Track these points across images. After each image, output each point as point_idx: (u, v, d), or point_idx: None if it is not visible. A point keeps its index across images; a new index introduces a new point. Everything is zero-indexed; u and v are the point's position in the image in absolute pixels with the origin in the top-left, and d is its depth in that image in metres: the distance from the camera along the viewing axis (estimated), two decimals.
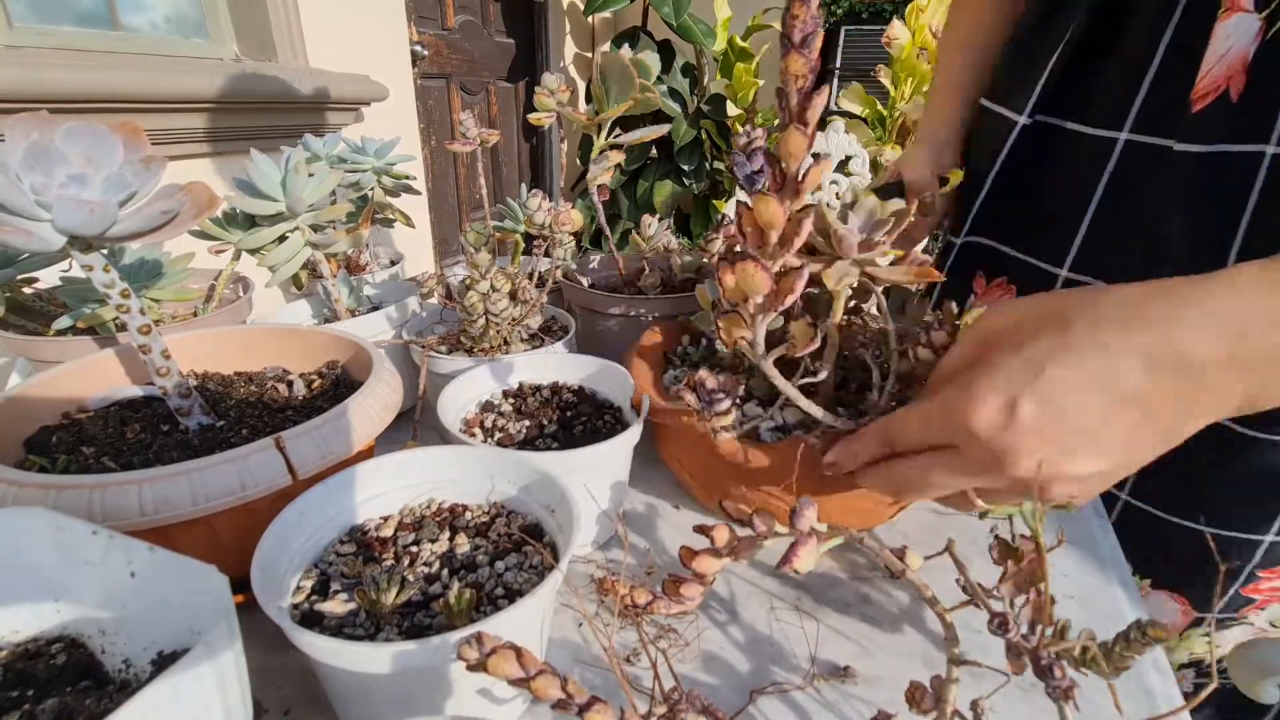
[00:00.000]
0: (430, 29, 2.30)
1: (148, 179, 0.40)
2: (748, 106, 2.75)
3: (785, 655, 0.41)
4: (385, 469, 0.43)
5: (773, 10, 2.61)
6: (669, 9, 2.48)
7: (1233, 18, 0.47)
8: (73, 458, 0.44)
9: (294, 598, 0.36)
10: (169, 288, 0.62)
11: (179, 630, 0.29)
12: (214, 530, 0.39)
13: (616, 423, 0.54)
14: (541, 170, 3.19)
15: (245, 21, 1.58)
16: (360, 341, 0.55)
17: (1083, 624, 0.44)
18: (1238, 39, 0.47)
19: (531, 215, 0.64)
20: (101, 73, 1.18)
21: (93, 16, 1.33)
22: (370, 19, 1.90)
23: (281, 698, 0.37)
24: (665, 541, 0.52)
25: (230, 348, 0.57)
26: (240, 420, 0.49)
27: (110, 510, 0.35)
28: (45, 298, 0.61)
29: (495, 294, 0.60)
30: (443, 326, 0.68)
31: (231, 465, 0.37)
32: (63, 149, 0.37)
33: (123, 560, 0.29)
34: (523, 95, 2.94)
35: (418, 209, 2.24)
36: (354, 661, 0.30)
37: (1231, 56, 0.47)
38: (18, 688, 0.29)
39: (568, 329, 0.67)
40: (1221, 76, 0.47)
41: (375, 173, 0.79)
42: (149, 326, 0.44)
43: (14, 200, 0.36)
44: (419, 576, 0.37)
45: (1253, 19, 0.46)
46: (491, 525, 0.42)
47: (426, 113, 2.32)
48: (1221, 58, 0.47)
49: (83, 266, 0.40)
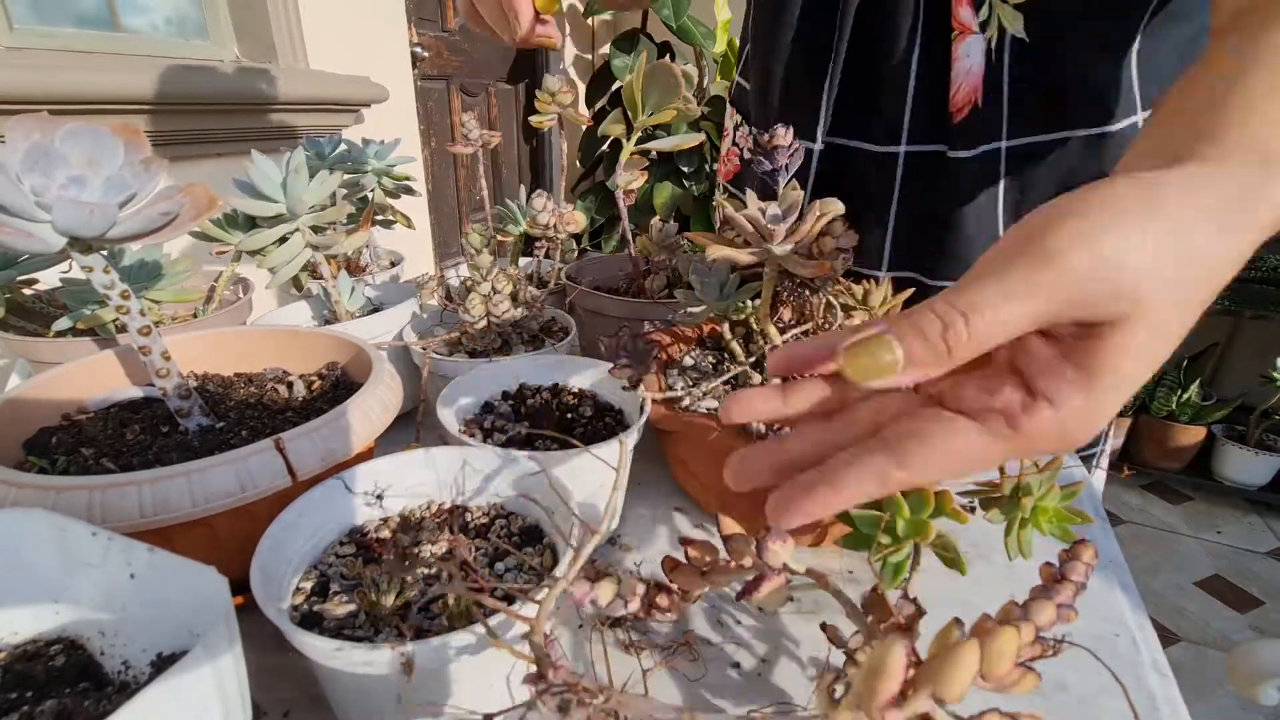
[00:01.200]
0: (430, 31, 2.30)
1: (147, 180, 0.40)
2: None
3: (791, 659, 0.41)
4: (385, 470, 0.43)
5: None
6: (669, 11, 2.48)
7: (968, 38, 0.55)
8: (72, 459, 0.44)
9: (294, 599, 0.36)
10: (169, 289, 0.62)
11: (178, 632, 0.29)
12: (214, 531, 0.39)
13: (617, 424, 0.54)
14: (542, 172, 3.19)
15: (246, 23, 1.58)
16: (360, 343, 0.55)
17: (1082, 627, 0.44)
18: (974, 58, 0.56)
19: (535, 216, 0.64)
20: (102, 74, 1.18)
21: (93, 18, 1.33)
22: (370, 21, 1.90)
23: (281, 699, 0.37)
24: (665, 543, 0.52)
25: (230, 349, 0.57)
26: (240, 421, 0.49)
27: (110, 511, 0.35)
28: (45, 299, 0.61)
29: (497, 296, 0.60)
30: (443, 328, 0.68)
31: (231, 466, 0.37)
32: (63, 150, 0.37)
33: (122, 561, 0.29)
34: (523, 97, 2.95)
35: (418, 210, 2.24)
36: (353, 663, 0.30)
37: (974, 74, 0.56)
38: (17, 689, 0.29)
39: (568, 330, 0.67)
40: (972, 89, 0.57)
41: (375, 174, 0.79)
42: (149, 328, 0.44)
43: (14, 201, 0.36)
44: (419, 578, 0.37)
45: (979, 39, 0.55)
46: (491, 527, 0.42)
47: (426, 114, 2.32)
48: (967, 74, 0.56)
49: (83, 268, 0.40)
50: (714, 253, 0.42)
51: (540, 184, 3.19)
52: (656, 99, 0.62)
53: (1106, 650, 0.42)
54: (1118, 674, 0.40)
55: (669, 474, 0.60)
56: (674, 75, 0.61)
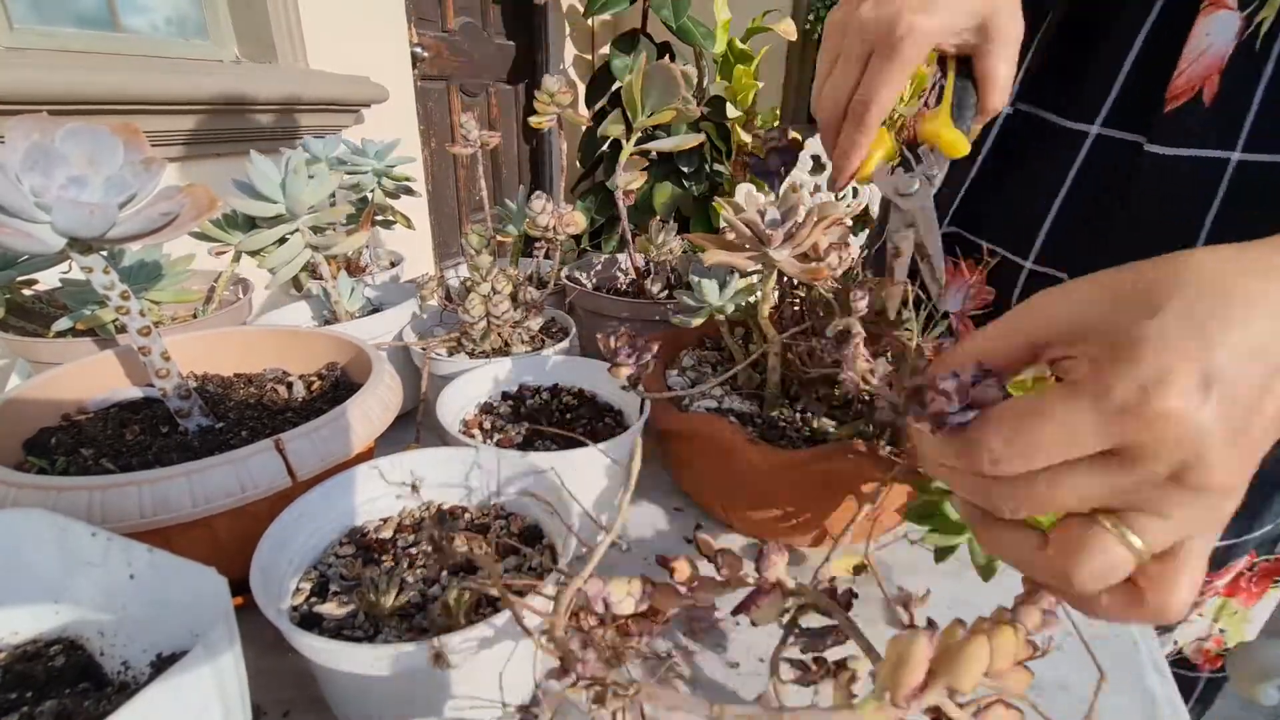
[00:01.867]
0: (430, 31, 2.30)
1: (147, 180, 0.40)
2: (747, 108, 2.75)
3: None
4: (384, 470, 0.43)
5: (772, 13, 2.62)
6: (669, 11, 2.48)
7: (1216, 14, 0.45)
8: (72, 459, 0.44)
9: (293, 600, 0.36)
10: (169, 289, 0.62)
11: (178, 632, 0.29)
12: (213, 532, 0.39)
13: (617, 425, 0.54)
14: (542, 172, 3.19)
15: (246, 23, 1.58)
16: (360, 343, 0.55)
17: (1083, 628, 0.44)
18: (1217, 37, 0.45)
19: (535, 217, 0.64)
20: (102, 74, 1.18)
21: (93, 18, 1.33)
22: (370, 21, 1.90)
23: (280, 700, 0.37)
24: (665, 543, 0.52)
25: (230, 349, 0.57)
26: (240, 422, 0.49)
27: (110, 512, 0.35)
28: (45, 299, 0.61)
29: (497, 296, 0.60)
30: (443, 328, 0.68)
31: (231, 467, 0.37)
32: (63, 150, 0.37)
33: (122, 562, 0.29)
34: (523, 97, 2.95)
35: (417, 211, 2.24)
36: (353, 663, 0.30)
37: (1209, 56, 0.45)
38: (17, 689, 0.29)
39: (568, 331, 0.67)
40: (1198, 77, 0.46)
41: (375, 174, 0.79)
42: (149, 328, 0.44)
43: (14, 202, 0.36)
44: (418, 578, 0.37)
45: (1235, 17, 0.44)
46: (491, 527, 0.42)
47: (426, 115, 2.32)
48: (1200, 56, 0.46)
49: (82, 268, 0.40)
50: (711, 258, 0.42)
51: (540, 184, 3.19)
52: (656, 99, 0.62)
53: (1106, 650, 0.42)
54: (1118, 674, 0.40)
55: (667, 474, 0.60)
56: (673, 76, 0.61)
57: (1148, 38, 0.49)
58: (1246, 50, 0.43)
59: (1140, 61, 0.50)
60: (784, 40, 2.77)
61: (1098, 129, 0.53)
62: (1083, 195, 0.55)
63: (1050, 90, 0.56)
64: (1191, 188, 0.47)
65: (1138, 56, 0.50)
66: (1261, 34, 0.42)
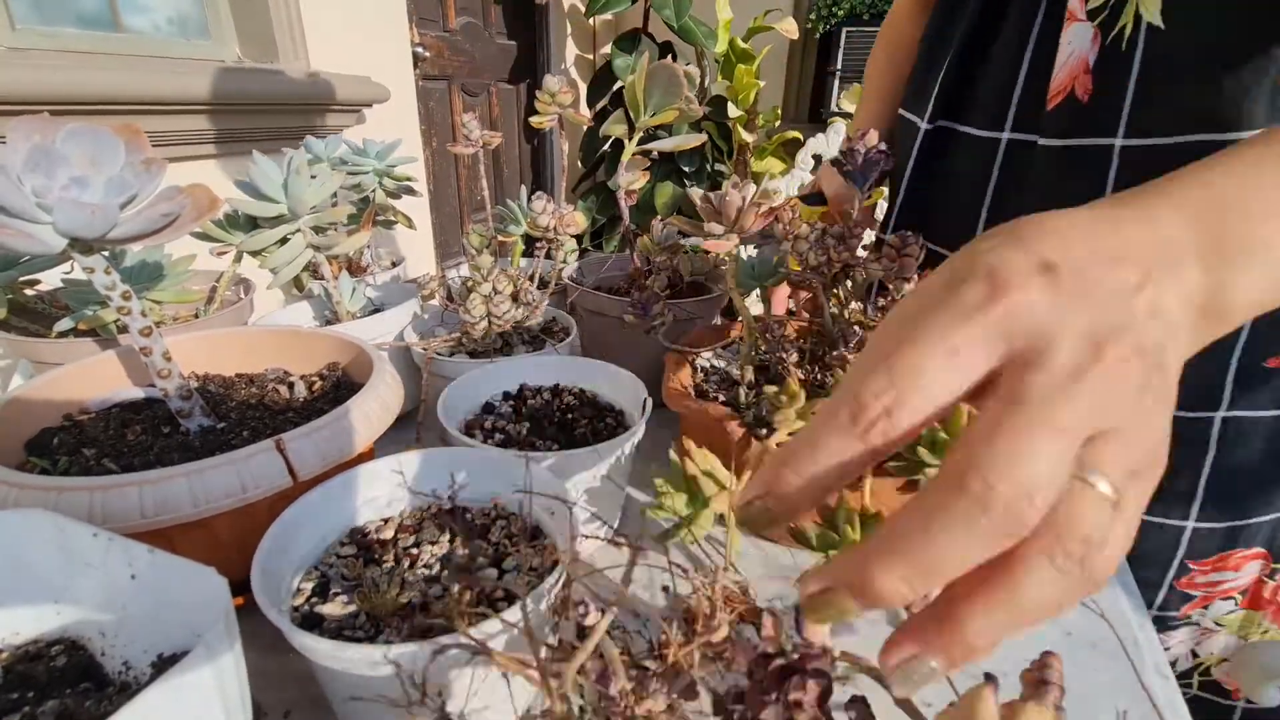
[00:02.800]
0: (432, 31, 2.30)
1: (149, 181, 0.40)
2: (749, 108, 2.75)
3: None
4: (385, 471, 0.43)
5: (774, 12, 2.61)
6: (670, 11, 2.48)
7: (1073, 25, 0.52)
8: (74, 459, 0.44)
9: (294, 600, 0.36)
10: (170, 289, 0.62)
11: (179, 632, 0.29)
12: (214, 532, 0.39)
13: (618, 425, 0.54)
14: (543, 172, 3.19)
15: (247, 23, 1.58)
16: (361, 343, 0.55)
17: (1084, 629, 0.44)
18: (1077, 45, 0.52)
19: (535, 218, 0.64)
20: (103, 74, 1.18)
21: (95, 18, 1.33)
22: (372, 21, 1.91)
23: (281, 700, 0.37)
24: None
25: (231, 349, 0.57)
26: (241, 422, 0.49)
27: (111, 512, 0.35)
28: (47, 300, 0.61)
29: (498, 296, 0.60)
30: (444, 329, 0.68)
31: (232, 467, 0.38)
32: (64, 151, 0.37)
33: (123, 562, 0.29)
34: (524, 97, 2.95)
35: (419, 211, 2.24)
36: (354, 663, 0.30)
37: (1074, 61, 0.53)
38: (18, 690, 0.29)
39: (569, 331, 0.67)
40: (1068, 78, 0.53)
41: (377, 174, 0.79)
42: (150, 328, 0.44)
43: (15, 202, 0.36)
44: (419, 578, 0.37)
45: (1088, 27, 0.52)
46: (492, 527, 0.42)
47: (428, 114, 2.32)
48: (1067, 60, 0.53)
49: (84, 268, 0.40)
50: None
51: (541, 184, 3.19)
52: (658, 99, 0.62)
53: (1107, 651, 0.42)
54: (1118, 675, 0.40)
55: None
56: (676, 76, 0.61)
57: (1033, 52, 0.57)
58: (1114, 53, 0.50)
59: (1030, 71, 0.57)
60: (785, 39, 2.77)
61: (1007, 135, 0.60)
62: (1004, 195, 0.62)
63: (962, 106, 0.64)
64: (1084, 173, 0.54)
65: (1028, 68, 0.57)
66: (1125, 38, 0.50)
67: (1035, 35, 0.56)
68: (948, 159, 0.65)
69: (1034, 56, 0.56)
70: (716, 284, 0.74)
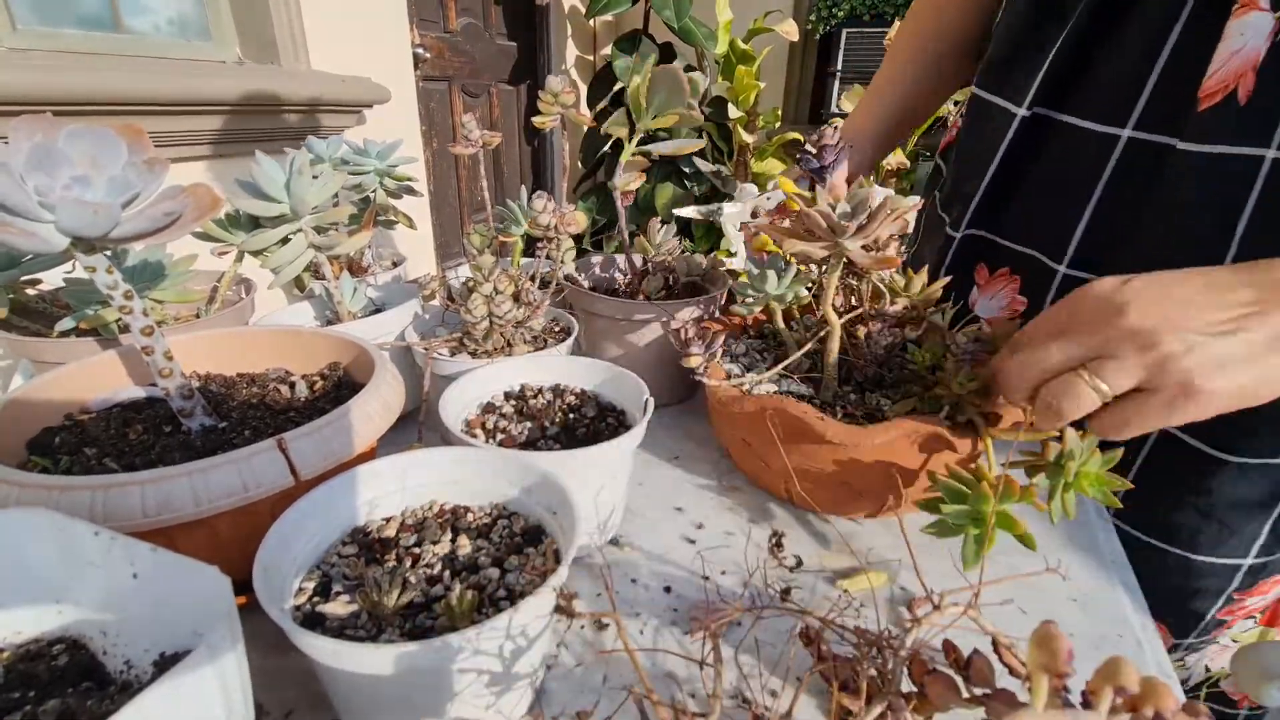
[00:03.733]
0: (432, 31, 2.31)
1: (151, 181, 0.40)
2: (749, 109, 2.75)
3: None
4: (387, 470, 0.43)
5: (774, 13, 2.62)
6: (670, 12, 2.48)
7: (1248, 15, 0.45)
8: (75, 459, 0.44)
9: (296, 599, 0.36)
10: (172, 289, 0.62)
11: (181, 632, 0.29)
12: (216, 531, 0.39)
13: (619, 425, 0.54)
14: (543, 173, 3.19)
15: (248, 24, 1.58)
16: (362, 343, 0.55)
17: (1085, 629, 0.44)
18: (1251, 38, 0.45)
19: (536, 217, 0.64)
20: (105, 75, 1.18)
21: (96, 19, 1.33)
22: (372, 21, 1.91)
23: (283, 700, 0.37)
24: (667, 543, 0.52)
25: (233, 349, 0.57)
26: (243, 421, 0.49)
27: (112, 511, 0.35)
28: (48, 299, 0.61)
29: (499, 296, 0.60)
30: (445, 329, 0.68)
31: (234, 466, 0.37)
32: (66, 151, 0.37)
33: (125, 561, 0.29)
34: (524, 98, 2.95)
35: (420, 211, 2.24)
36: (356, 663, 0.30)
37: (1243, 56, 0.46)
38: (19, 689, 0.29)
39: (570, 331, 0.67)
40: (1231, 76, 0.46)
41: (378, 175, 0.79)
42: (151, 328, 0.44)
43: (17, 201, 0.36)
44: (421, 578, 0.37)
45: (1268, 18, 0.44)
46: (493, 527, 0.42)
47: (428, 115, 2.32)
48: (1233, 56, 0.46)
49: (86, 268, 0.40)
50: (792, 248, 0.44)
51: (542, 184, 3.19)
52: (661, 103, 0.62)
53: (1109, 651, 0.42)
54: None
55: (670, 473, 0.60)
56: (680, 81, 0.61)
57: (1176, 42, 0.50)
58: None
59: (1170, 65, 0.50)
60: (785, 41, 2.77)
61: (1129, 132, 0.53)
62: (1115, 198, 0.55)
63: (1072, 94, 0.56)
64: (1226, 185, 0.47)
65: (1167, 60, 0.50)
66: None
67: (1183, 22, 0.49)
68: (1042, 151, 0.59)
69: (1178, 46, 0.49)
70: (712, 285, 0.74)
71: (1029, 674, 0.22)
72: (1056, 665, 0.21)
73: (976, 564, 0.39)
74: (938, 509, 0.42)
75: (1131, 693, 0.20)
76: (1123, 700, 0.20)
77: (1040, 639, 0.22)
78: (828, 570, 0.49)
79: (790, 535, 0.52)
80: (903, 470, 0.47)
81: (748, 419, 0.51)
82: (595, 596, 0.46)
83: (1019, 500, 0.39)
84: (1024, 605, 0.45)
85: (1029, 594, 0.46)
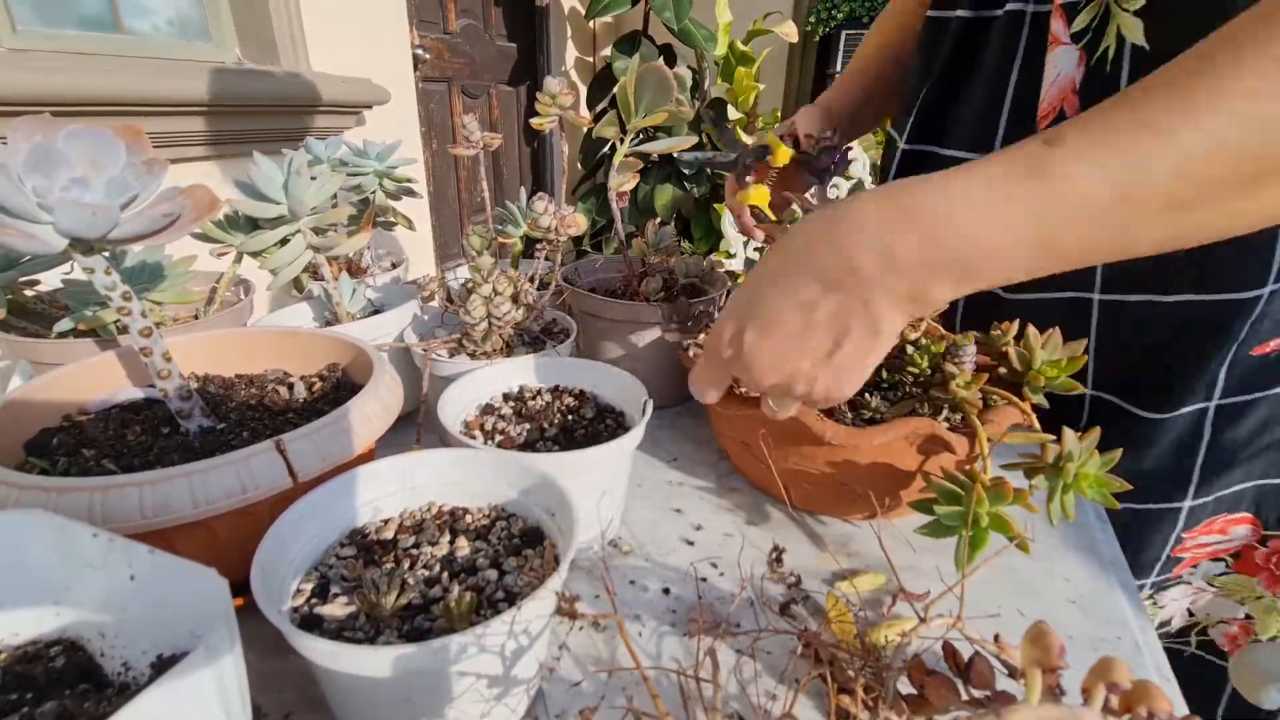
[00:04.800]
0: (432, 33, 2.31)
1: (149, 182, 0.40)
2: (749, 110, 2.75)
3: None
4: (385, 472, 0.43)
5: (774, 15, 2.62)
6: (670, 13, 2.48)
7: (1056, 50, 0.54)
8: (73, 460, 0.44)
9: (294, 601, 0.36)
10: (170, 290, 0.62)
11: (179, 633, 0.29)
12: (214, 533, 0.39)
13: (618, 426, 0.54)
14: (543, 174, 3.19)
15: (248, 25, 1.58)
16: (361, 344, 0.54)
17: (1085, 630, 0.44)
18: (1063, 66, 0.54)
19: (537, 219, 0.64)
20: (104, 76, 1.18)
21: (96, 20, 1.34)
22: (372, 23, 1.91)
23: (281, 702, 0.37)
24: (666, 545, 0.51)
25: (231, 350, 0.57)
26: (241, 423, 0.49)
27: (111, 513, 0.35)
28: (47, 300, 0.61)
29: (498, 297, 0.60)
30: (444, 330, 0.68)
31: (232, 468, 0.37)
32: (65, 151, 0.37)
33: (123, 563, 0.29)
34: (524, 99, 2.95)
35: (419, 212, 2.24)
36: (354, 665, 0.29)
37: (1058, 84, 0.54)
38: (17, 690, 0.29)
39: (569, 332, 0.67)
40: (1057, 99, 0.55)
41: (377, 176, 0.79)
42: (150, 329, 0.44)
43: (16, 203, 0.36)
44: (419, 580, 0.37)
45: (1072, 49, 0.53)
46: (492, 528, 0.42)
47: (428, 116, 2.32)
48: (1053, 83, 0.55)
49: (84, 269, 0.40)
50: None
51: (541, 186, 3.19)
52: (649, 100, 0.62)
53: (1108, 652, 0.42)
54: None
55: (669, 475, 0.60)
56: (666, 77, 0.61)
57: (1017, 79, 0.58)
58: (1099, 74, 0.52)
59: (1015, 96, 0.59)
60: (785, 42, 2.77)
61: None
62: None
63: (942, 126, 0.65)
64: None
65: (1013, 92, 0.59)
66: (1110, 59, 0.52)
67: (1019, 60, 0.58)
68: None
69: (1018, 81, 0.58)
70: (711, 286, 0.74)
71: (1023, 669, 0.22)
72: (1049, 660, 0.21)
73: (970, 565, 0.39)
74: (931, 510, 0.42)
75: (1124, 689, 0.20)
76: (1117, 699, 0.20)
77: (1033, 636, 0.22)
78: (825, 572, 0.49)
79: (788, 537, 0.52)
80: (901, 472, 0.47)
81: (746, 421, 0.51)
82: (594, 598, 0.46)
83: (1012, 503, 0.40)
84: (1022, 608, 0.45)
85: (1028, 596, 0.46)
